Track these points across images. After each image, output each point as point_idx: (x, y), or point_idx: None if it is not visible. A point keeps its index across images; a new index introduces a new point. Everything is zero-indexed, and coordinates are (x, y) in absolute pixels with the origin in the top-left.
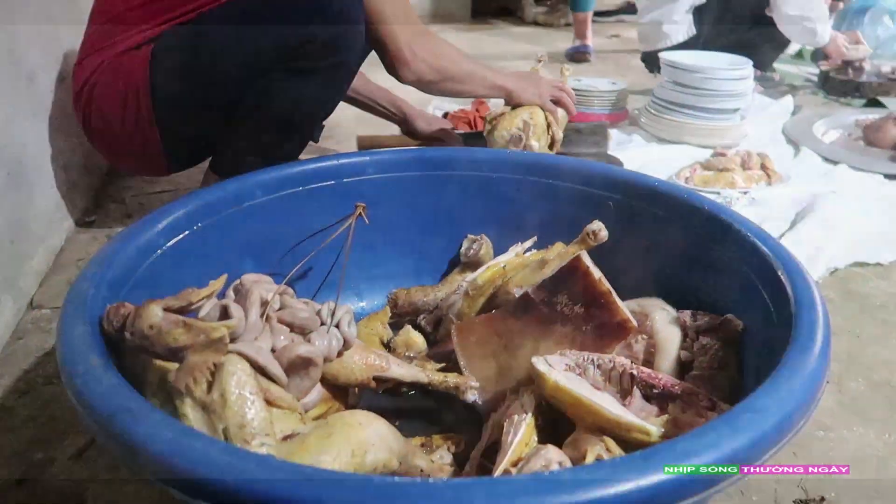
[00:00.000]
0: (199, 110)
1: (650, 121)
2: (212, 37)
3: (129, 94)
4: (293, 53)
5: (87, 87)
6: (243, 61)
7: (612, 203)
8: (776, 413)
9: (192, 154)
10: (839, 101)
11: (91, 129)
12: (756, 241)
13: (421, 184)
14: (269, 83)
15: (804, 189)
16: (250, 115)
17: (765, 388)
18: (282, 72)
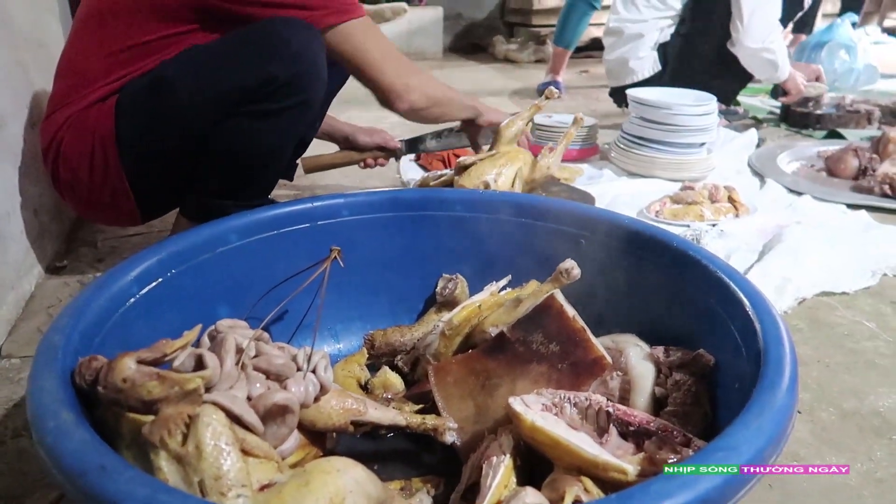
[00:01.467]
0: (165, 156)
1: (620, 155)
2: (173, 83)
3: (96, 146)
4: (255, 95)
5: (55, 142)
6: (205, 107)
7: (584, 241)
8: (747, 450)
9: (163, 201)
10: (801, 133)
11: (61, 185)
12: (724, 276)
13: (395, 225)
14: (233, 126)
15: (770, 220)
16: (217, 159)
17: (735, 425)
18: (245, 115)
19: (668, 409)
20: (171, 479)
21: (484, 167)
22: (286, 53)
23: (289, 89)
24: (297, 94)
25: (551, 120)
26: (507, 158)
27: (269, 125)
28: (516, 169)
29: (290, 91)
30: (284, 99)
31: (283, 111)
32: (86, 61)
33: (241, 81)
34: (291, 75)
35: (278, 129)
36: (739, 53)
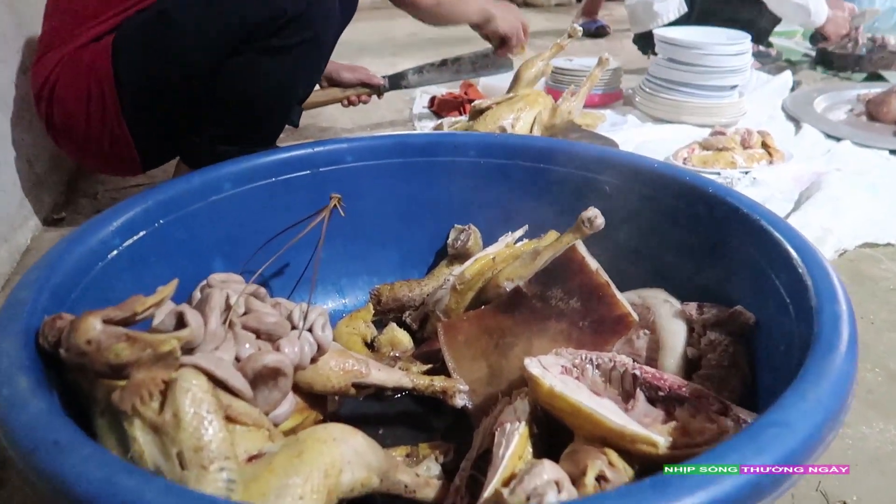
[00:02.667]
0: (167, 98)
1: (645, 100)
2: (175, 19)
3: (93, 89)
4: (262, 31)
5: (48, 86)
6: (209, 43)
7: (609, 187)
8: (804, 426)
9: (164, 149)
10: (839, 76)
11: (56, 131)
12: (766, 224)
13: (403, 171)
14: (238, 65)
15: (807, 167)
16: (221, 101)
17: (789, 395)
18: (251, 52)
19: (701, 371)
20: (147, 451)
21: (501, 111)
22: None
23: (298, 25)
24: (305, 30)
25: (573, 63)
26: (526, 102)
27: (276, 63)
28: (535, 113)
29: (299, 26)
30: (293, 35)
31: (292, 48)
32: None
33: (247, 15)
34: (300, 9)
35: (286, 67)
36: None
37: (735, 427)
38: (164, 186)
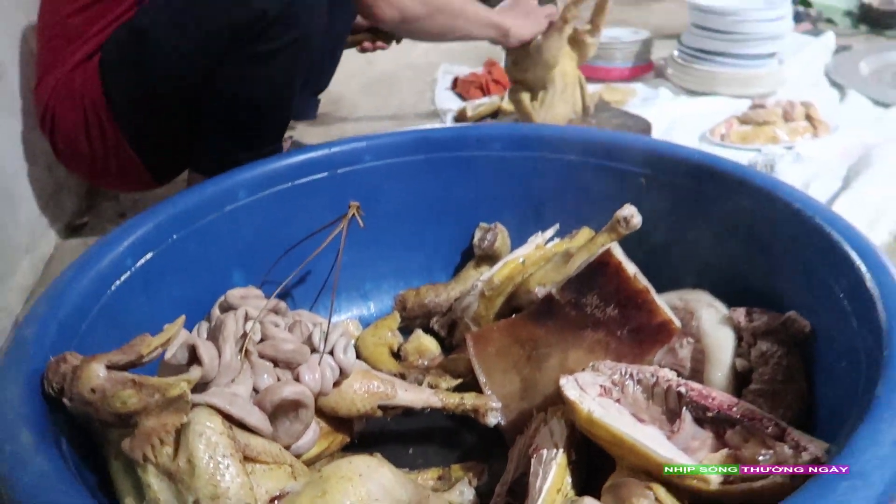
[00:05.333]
0: (162, 114)
1: (678, 72)
2: (154, 33)
3: (90, 116)
4: (245, 37)
5: (48, 113)
6: (192, 55)
7: (645, 180)
8: (881, 478)
9: (174, 161)
10: (885, 35)
11: (63, 156)
12: (823, 223)
13: (426, 168)
14: (227, 74)
15: (855, 139)
16: (217, 110)
17: (860, 438)
18: (238, 60)
19: (752, 387)
20: (163, 498)
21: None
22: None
23: (281, 25)
24: (291, 30)
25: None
26: (566, 81)
27: (266, 68)
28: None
29: (284, 27)
30: (278, 37)
31: (279, 51)
32: (61, 18)
33: (227, 22)
34: (282, 8)
35: (276, 72)
36: None
37: (794, 455)
38: (176, 199)
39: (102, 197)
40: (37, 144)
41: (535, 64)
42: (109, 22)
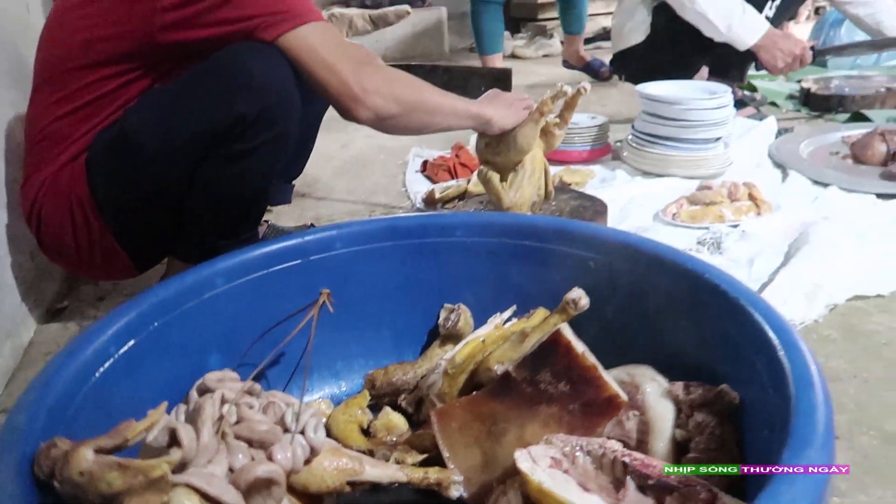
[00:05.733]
0: (145, 210)
1: (633, 154)
2: (137, 136)
3: (75, 209)
4: (224, 137)
5: (35, 209)
6: (174, 155)
7: (594, 263)
8: None
9: (156, 250)
10: (823, 117)
11: (49, 251)
12: (745, 303)
13: (393, 254)
14: (208, 173)
15: (795, 217)
16: (198, 202)
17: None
18: (218, 159)
19: (690, 455)
20: None
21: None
22: (251, 88)
23: (259, 125)
24: (269, 129)
25: None
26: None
27: (244, 166)
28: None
29: (262, 127)
30: (256, 136)
31: (256, 149)
32: (50, 122)
33: (207, 125)
34: (260, 110)
35: (254, 168)
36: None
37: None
38: (157, 289)
39: (82, 281)
40: (21, 234)
41: (509, 149)
42: (96, 124)
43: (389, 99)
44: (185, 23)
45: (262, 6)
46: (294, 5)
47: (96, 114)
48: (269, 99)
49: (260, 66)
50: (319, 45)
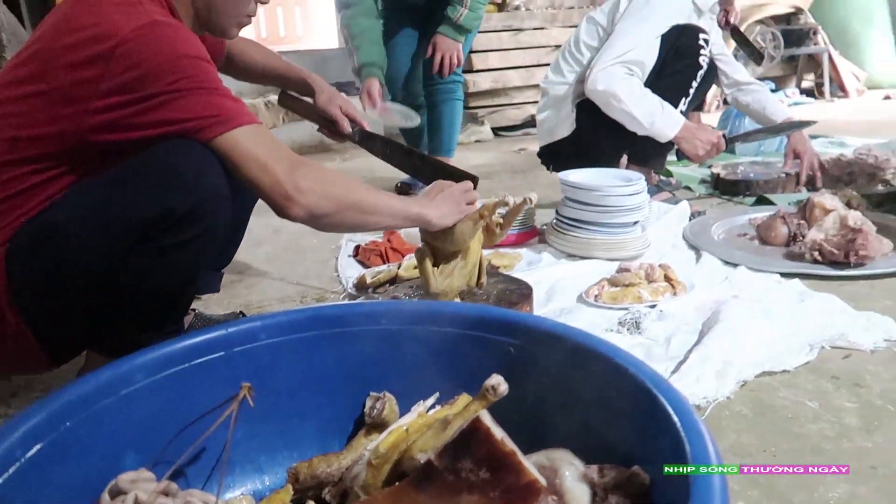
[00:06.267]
0: (66, 301)
1: (557, 238)
2: (67, 226)
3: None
4: (152, 232)
5: None
6: (100, 250)
7: (513, 349)
8: None
9: (75, 344)
10: (733, 201)
11: None
12: (650, 386)
13: (319, 343)
14: (133, 264)
15: (708, 296)
16: (122, 295)
17: None
18: (146, 253)
19: None
20: None
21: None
22: (181, 184)
23: (188, 221)
24: (197, 224)
25: None
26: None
27: (170, 260)
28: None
29: (190, 222)
30: (184, 231)
31: (185, 244)
32: None
33: (135, 220)
34: (190, 206)
35: (182, 262)
36: (592, 98)
37: None
38: (70, 387)
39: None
40: None
41: (446, 240)
42: (17, 217)
43: (323, 198)
44: (117, 125)
45: (194, 110)
46: (227, 108)
47: (20, 206)
48: (199, 195)
49: (191, 161)
50: (253, 146)
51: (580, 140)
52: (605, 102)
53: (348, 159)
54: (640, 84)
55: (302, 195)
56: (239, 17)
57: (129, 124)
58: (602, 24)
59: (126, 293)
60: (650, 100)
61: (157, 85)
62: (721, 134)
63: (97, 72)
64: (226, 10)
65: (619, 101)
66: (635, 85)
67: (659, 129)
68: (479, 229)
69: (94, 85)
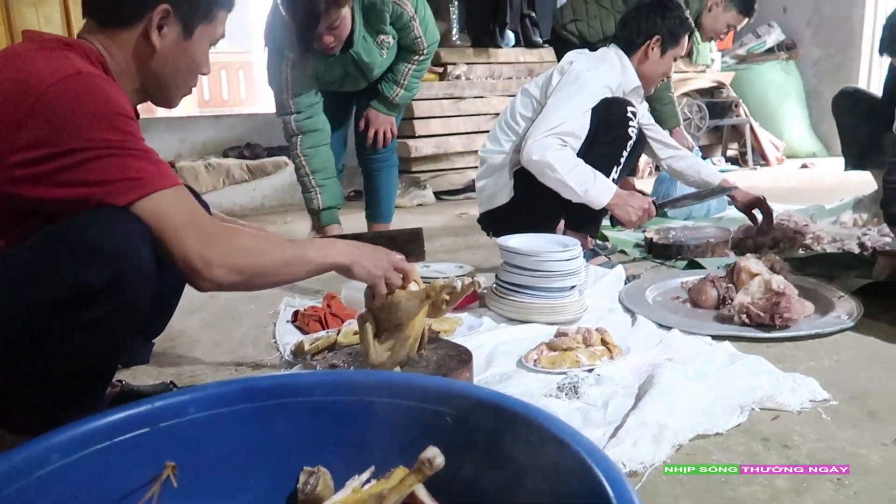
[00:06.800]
0: None
1: (497, 302)
2: None
3: None
4: (70, 306)
5: None
6: (16, 322)
7: (450, 419)
8: None
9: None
10: (665, 265)
11: None
12: (585, 456)
13: (250, 417)
14: (50, 339)
15: (643, 359)
16: (38, 369)
17: None
18: (63, 325)
19: None
20: None
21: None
22: (100, 256)
23: (108, 293)
24: (117, 297)
25: (429, 270)
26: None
27: (90, 334)
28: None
29: (110, 294)
30: (104, 304)
31: (104, 317)
32: None
33: (52, 294)
34: (109, 278)
35: (102, 336)
36: (528, 168)
37: None
38: None
39: None
40: None
41: (390, 312)
42: None
43: (232, 271)
44: (37, 180)
45: (111, 172)
46: (145, 172)
47: None
48: (119, 266)
49: (113, 230)
50: (170, 213)
51: (518, 207)
52: (540, 172)
53: (290, 222)
54: (573, 154)
55: (209, 269)
56: (185, 90)
57: (48, 180)
58: (536, 96)
59: (42, 368)
60: (583, 169)
61: (75, 140)
62: (651, 200)
63: (17, 123)
64: (175, 83)
65: (553, 170)
66: (569, 155)
67: (592, 196)
68: (424, 307)
69: (14, 137)
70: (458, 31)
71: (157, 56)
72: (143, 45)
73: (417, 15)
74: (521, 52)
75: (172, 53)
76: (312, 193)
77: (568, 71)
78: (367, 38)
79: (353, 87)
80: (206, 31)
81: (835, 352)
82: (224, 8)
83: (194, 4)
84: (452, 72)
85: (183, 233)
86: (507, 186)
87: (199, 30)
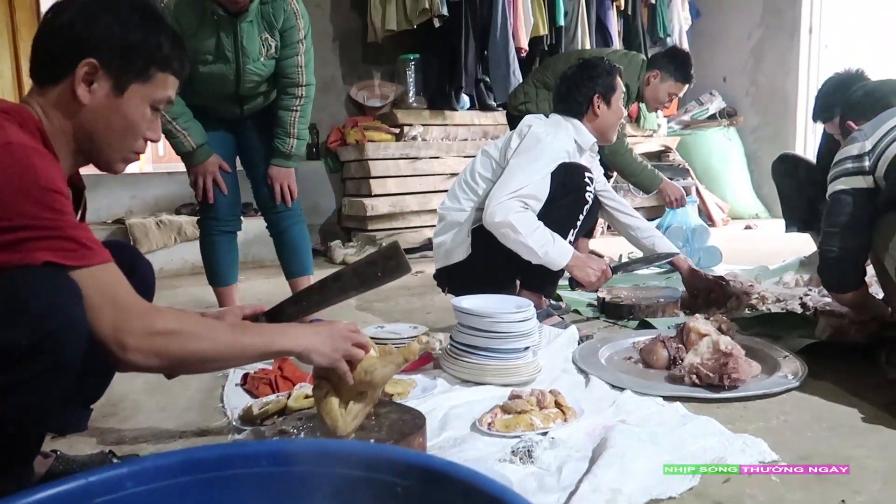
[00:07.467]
0: None
1: (451, 363)
2: None
3: None
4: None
5: None
6: None
7: (401, 490)
8: None
9: None
10: (617, 325)
11: None
12: None
13: (193, 489)
14: None
15: (597, 421)
16: None
17: None
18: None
19: None
20: None
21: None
22: (27, 315)
23: (37, 353)
24: (48, 356)
25: (383, 331)
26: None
27: (13, 398)
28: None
29: (39, 354)
30: (32, 364)
31: (30, 380)
32: None
33: None
34: (39, 337)
35: (26, 401)
36: (490, 228)
37: None
38: None
39: None
40: None
41: (362, 380)
42: None
43: (150, 355)
44: None
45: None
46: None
47: None
48: (49, 326)
49: (45, 289)
50: (88, 292)
51: (475, 264)
52: (501, 233)
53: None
54: (534, 217)
55: (123, 352)
56: (124, 153)
57: None
58: (495, 157)
59: None
60: (543, 232)
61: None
62: (607, 263)
63: None
64: (109, 144)
65: (516, 232)
66: (530, 218)
67: (552, 258)
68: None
69: None
70: (413, 93)
71: (86, 112)
72: (72, 102)
73: (304, 45)
74: (475, 114)
75: (103, 110)
76: (181, 137)
77: (527, 134)
78: (256, 25)
79: (220, 89)
80: (141, 90)
81: (782, 412)
82: (163, 69)
83: (126, 60)
84: (409, 132)
85: (97, 313)
86: (465, 243)
87: (132, 88)
